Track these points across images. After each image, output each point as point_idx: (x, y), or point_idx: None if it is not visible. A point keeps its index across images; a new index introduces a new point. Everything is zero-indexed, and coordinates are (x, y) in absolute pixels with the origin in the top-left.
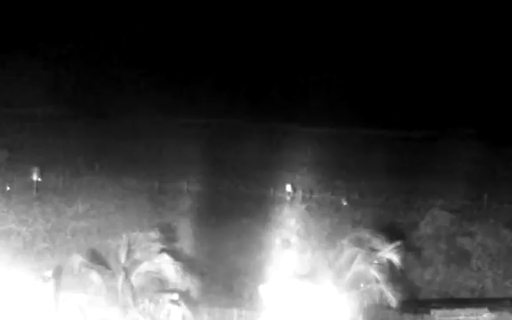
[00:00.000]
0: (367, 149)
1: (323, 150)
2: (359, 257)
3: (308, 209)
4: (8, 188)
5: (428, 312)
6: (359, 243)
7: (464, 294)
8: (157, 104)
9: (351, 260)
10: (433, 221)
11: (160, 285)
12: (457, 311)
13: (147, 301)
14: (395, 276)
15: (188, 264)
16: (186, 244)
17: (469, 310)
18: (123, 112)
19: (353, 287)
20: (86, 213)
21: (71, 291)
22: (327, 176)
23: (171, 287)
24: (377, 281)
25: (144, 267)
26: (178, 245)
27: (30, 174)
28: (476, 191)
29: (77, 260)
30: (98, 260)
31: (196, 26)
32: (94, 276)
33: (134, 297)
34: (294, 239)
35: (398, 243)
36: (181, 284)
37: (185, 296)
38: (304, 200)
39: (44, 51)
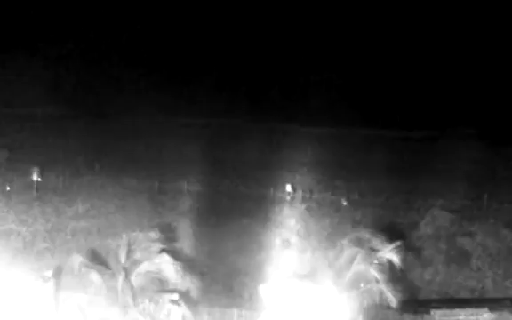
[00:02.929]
0: (367, 149)
1: (323, 150)
2: (359, 257)
3: (308, 209)
4: (8, 188)
5: (428, 312)
6: (359, 243)
7: (464, 294)
8: (157, 104)
9: (351, 260)
10: (433, 221)
11: (160, 285)
12: (457, 311)
13: (147, 301)
14: (395, 276)
15: (188, 264)
16: (186, 244)
17: (469, 310)
18: (123, 112)
19: (353, 287)
20: (86, 213)
21: (71, 291)
22: (327, 176)
23: (171, 287)
24: (377, 281)
25: (144, 267)
26: (178, 245)
27: (30, 174)
28: (476, 191)
29: (77, 260)
30: (98, 260)
31: (196, 26)
32: (94, 276)
33: (134, 297)
34: (294, 239)
35: (398, 243)
36: (181, 284)
37: (185, 296)
38: (304, 200)
39: (44, 51)
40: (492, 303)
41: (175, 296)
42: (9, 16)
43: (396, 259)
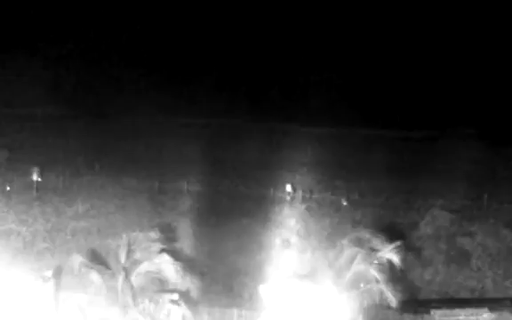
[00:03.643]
0: (367, 149)
1: (323, 150)
2: (359, 257)
3: (308, 209)
4: (8, 188)
5: (428, 312)
6: (359, 243)
7: (464, 294)
8: (157, 104)
9: (351, 260)
10: (433, 221)
11: (160, 285)
12: (457, 311)
13: (147, 301)
14: (395, 276)
15: (188, 264)
16: (186, 244)
17: (469, 310)
18: (123, 112)
19: (353, 287)
20: (86, 213)
21: (71, 291)
22: (327, 176)
23: (171, 287)
24: (377, 281)
25: (144, 267)
26: (178, 245)
27: (30, 174)
28: (476, 191)
29: (77, 260)
30: (98, 260)
31: (196, 26)
32: (94, 276)
33: (134, 297)
34: (294, 239)
35: (398, 243)
36: (181, 284)
37: (185, 296)
38: (304, 200)
39: (44, 51)
40: (492, 303)
41: (175, 296)
42: (9, 16)
43: (396, 259)
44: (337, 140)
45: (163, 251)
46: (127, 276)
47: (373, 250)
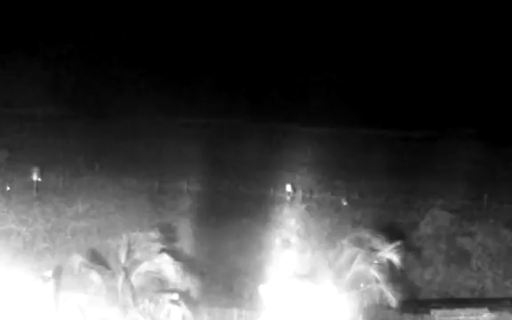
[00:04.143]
0: (367, 149)
1: (323, 150)
2: (359, 257)
3: (308, 209)
4: (8, 188)
5: (428, 312)
6: (359, 243)
7: (464, 294)
8: (157, 104)
9: (351, 260)
10: (433, 221)
11: (160, 285)
12: (457, 311)
13: (147, 301)
14: (395, 276)
15: (188, 264)
16: (186, 244)
17: (469, 310)
18: (123, 112)
19: (353, 287)
20: (86, 213)
21: (71, 291)
22: (327, 176)
23: (171, 287)
24: (377, 281)
25: (144, 267)
26: (178, 245)
27: (30, 174)
28: (476, 191)
29: (77, 260)
30: (98, 260)
31: (196, 26)
32: (94, 276)
33: (134, 297)
34: (294, 239)
35: (398, 243)
36: (181, 284)
37: (185, 296)
38: (304, 200)
39: (44, 51)
40: (492, 303)
41: (175, 296)
42: (9, 16)
43: (396, 259)
44: (337, 140)
45: (163, 251)
46: (127, 276)
47: (373, 250)
